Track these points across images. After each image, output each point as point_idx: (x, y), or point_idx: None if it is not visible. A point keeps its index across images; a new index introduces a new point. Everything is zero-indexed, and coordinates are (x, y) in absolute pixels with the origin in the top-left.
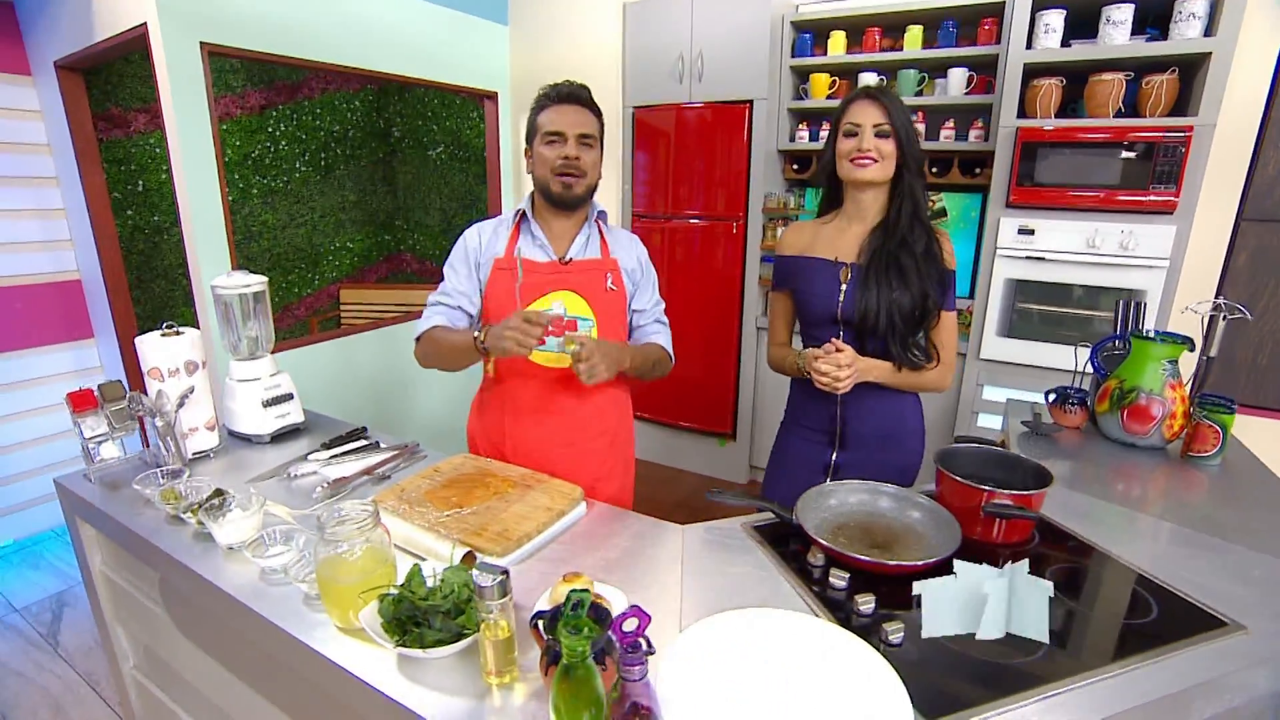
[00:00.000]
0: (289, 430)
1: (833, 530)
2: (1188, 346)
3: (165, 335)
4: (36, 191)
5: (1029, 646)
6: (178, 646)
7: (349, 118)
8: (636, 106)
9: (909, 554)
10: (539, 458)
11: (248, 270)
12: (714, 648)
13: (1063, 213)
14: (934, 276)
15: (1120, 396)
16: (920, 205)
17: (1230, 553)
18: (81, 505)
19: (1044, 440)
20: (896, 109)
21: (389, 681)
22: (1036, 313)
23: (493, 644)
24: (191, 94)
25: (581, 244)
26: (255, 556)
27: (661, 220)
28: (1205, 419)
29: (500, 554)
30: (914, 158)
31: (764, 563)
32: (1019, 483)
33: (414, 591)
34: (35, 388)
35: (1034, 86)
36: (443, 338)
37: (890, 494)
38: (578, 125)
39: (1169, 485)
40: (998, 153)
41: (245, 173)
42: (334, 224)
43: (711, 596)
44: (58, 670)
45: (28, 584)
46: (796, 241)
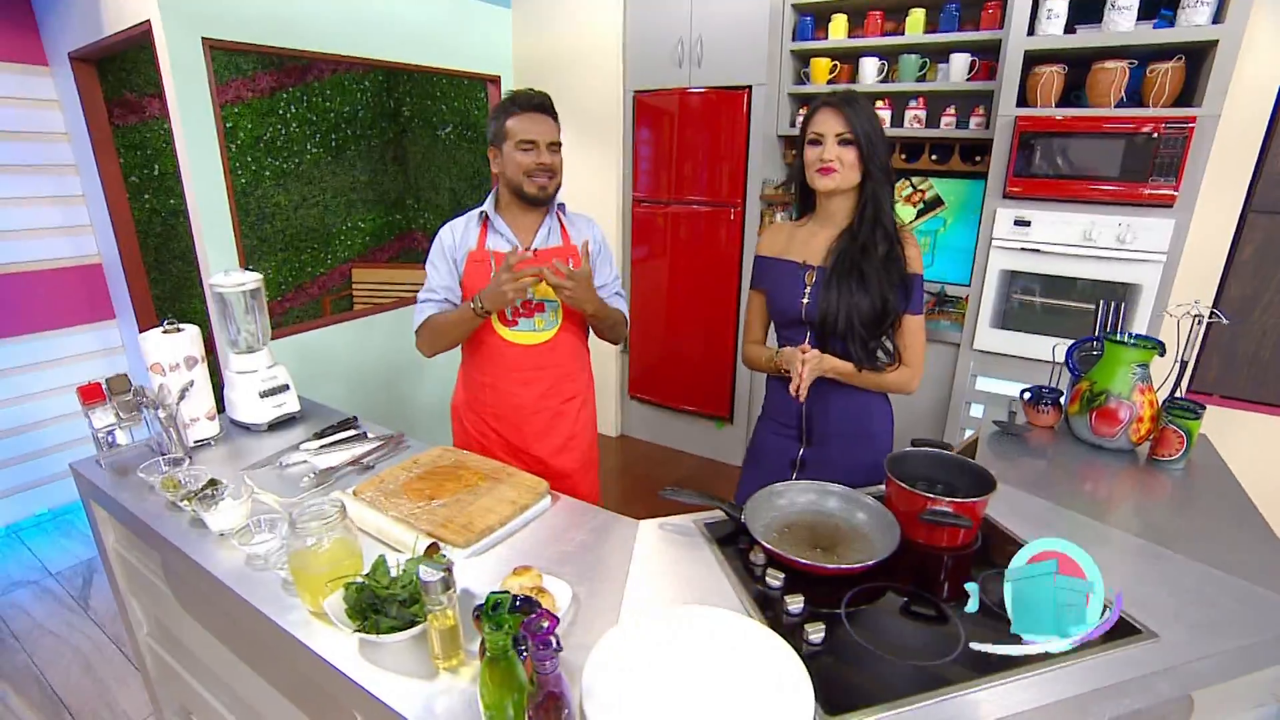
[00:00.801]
0: (286, 419)
1: (781, 530)
2: (1158, 351)
3: (166, 332)
4: (57, 179)
5: (946, 649)
6: (181, 620)
7: (359, 98)
8: (637, 91)
9: (853, 555)
10: (518, 420)
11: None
12: (640, 643)
13: (1060, 204)
14: (894, 281)
15: (1090, 398)
16: (884, 211)
17: (1168, 561)
18: (94, 490)
19: (1013, 440)
20: (859, 117)
21: (349, 662)
22: (1031, 305)
23: (439, 632)
24: (195, 89)
25: (544, 234)
26: (241, 543)
27: (661, 205)
28: (1171, 424)
29: (463, 545)
30: (878, 165)
31: (710, 560)
32: (967, 487)
33: (378, 581)
34: (63, 366)
35: (1035, 74)
36: (441, 320)
37: (838, 494)
38: (548, 134)
39: (1129, 489)
40: (996, 142)
41: (258, 155)
42: (345, 204)
43: (654, 592)
44: (88, 631)
45: (61, 550)
46: (773, 243)
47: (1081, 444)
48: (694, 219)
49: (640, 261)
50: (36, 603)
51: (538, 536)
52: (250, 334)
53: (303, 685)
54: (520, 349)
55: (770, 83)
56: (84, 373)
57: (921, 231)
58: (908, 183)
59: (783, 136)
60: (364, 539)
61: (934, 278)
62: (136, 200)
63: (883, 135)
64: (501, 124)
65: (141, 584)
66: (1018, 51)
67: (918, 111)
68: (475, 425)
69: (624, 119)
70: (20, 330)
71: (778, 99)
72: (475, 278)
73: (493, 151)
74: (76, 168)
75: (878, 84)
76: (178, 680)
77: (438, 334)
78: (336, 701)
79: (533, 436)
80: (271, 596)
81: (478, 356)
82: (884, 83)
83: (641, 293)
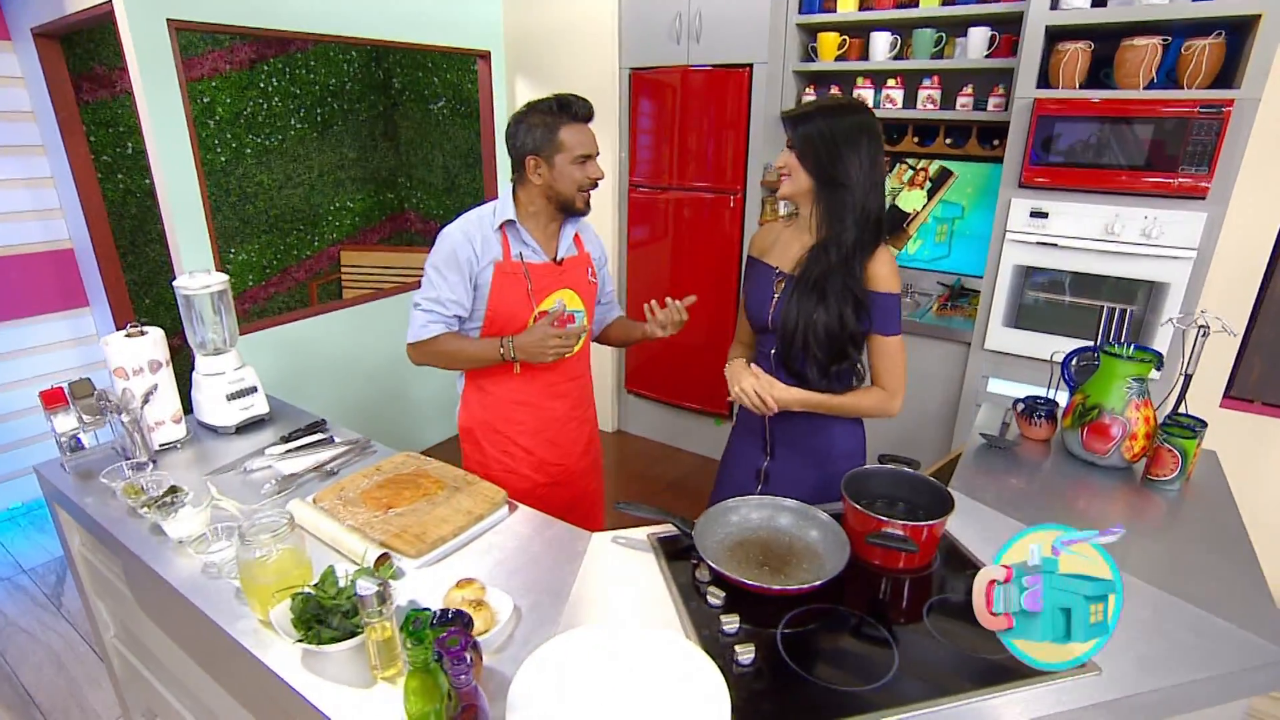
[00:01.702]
0: (254, 421)
1: (733, 546)
2: (1155, 365)
3: (130, 335)
4: (24, 160)
5: (880, 672)
6: (144, 624)
7: (345, 70)
8: (634, 68)
9: (802, 574)
10: (554, 433)
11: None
12: (568, 659)
13: (1080, 195)
14: (852, 295)
15: (1082, 413)
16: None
17: (1135, 592)
18: (57, 493)
19: (1002, 454)
20: (806, 125)
21: (292, 671)
22: (1047, 303)
23: (375, 643)
24: (160, 74)
25: (567, 244)
26: (198, 551)
27: (658, 191)
28: (1165, 442)
29: (414, 555)
30: (823, 171)
31: (655, 575)
32: (929, 506)
33: (325, 591)
34: (35, 355)
35: (1058, 52)
36: (460, 349)
37: (792, 510)
38: (595, 146)
39: (1117, 510)
40: (1012, 126)
41: (238, 132)
42: (333, 183)
43: (596, 607)
44: (60, 629)
45: (35, 546)
46: (762, 243)
47: (1076, 460)
48: (693, 205)
49: (637, 249)
50: (9, 600)
51: (492, 547)
52: (217, 336)
53: (255, 693)
54: (556, 363)
55: (773, 60)
56: (57, 362)
57: (939, 219)
58: (905, 166)
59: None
60: (320, 548)
61: (951, 269)
62: (110, 180)
63: (832, 143)
64: (553, 134)
65: (106, 587)
66: (1039, 27)
67: (932, 91)
68: (500, 445)
69: (619, 98)
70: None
71: (782, 77)
72: (506, 290)
73: (535, 161)
74: (44, 148)
75: (890, 60)
76: (143, 683)
77: (447, 358)
78: (283, 709)
79: (567, 447)
80: (224, 605)
81: (506, 377)
82: (897, 59)
83: (638, 282)
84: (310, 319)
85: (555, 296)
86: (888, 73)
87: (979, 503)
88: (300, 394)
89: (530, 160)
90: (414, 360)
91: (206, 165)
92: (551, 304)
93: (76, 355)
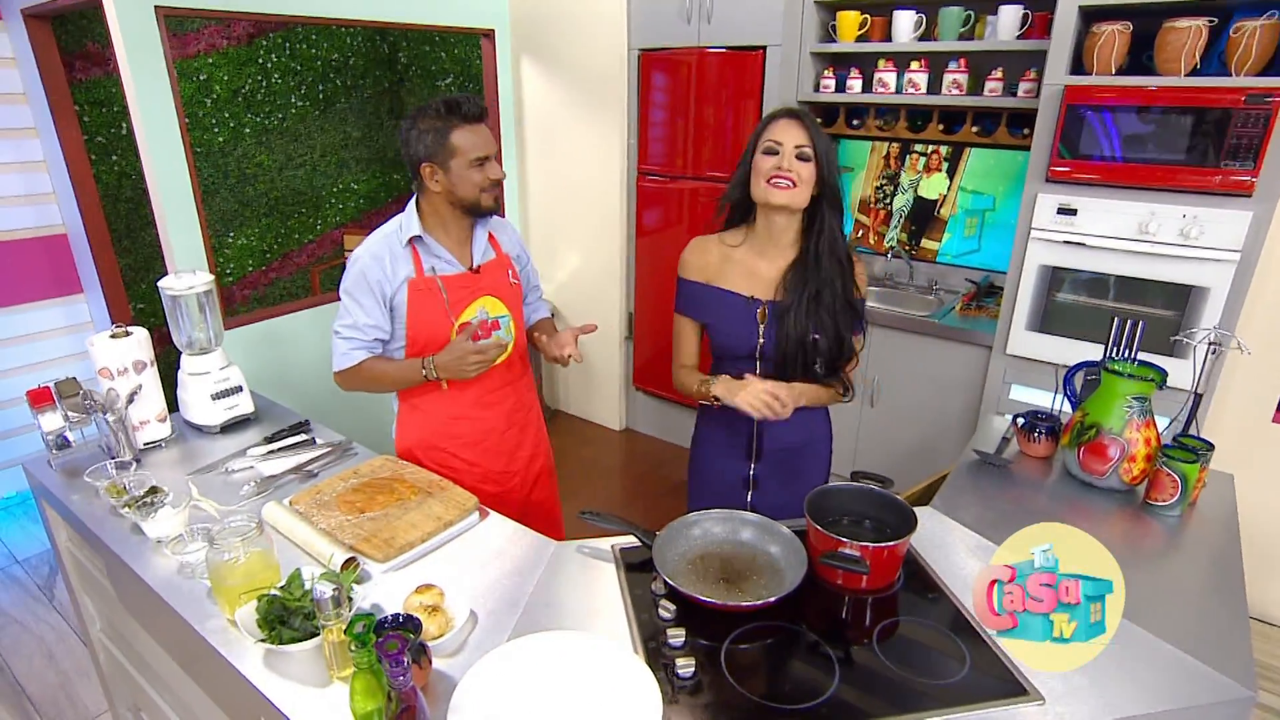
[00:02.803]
0: (239, 420)
1: (694, 560)
2: (1156, 384)
3: (115, 336)
4: (16, 143)
5: (817, 690)
6: (126, 620)
7: (349, 45)
8: (642, 50)
9: (761, 589)
10: (494, 442)
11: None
12: (510, 665)
13: (1112, 190)
14: (849, 313)
15: (1080, 431)
16: (838, 240)
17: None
18: (44, 489)
19: (995, 472)
20: (819, 133)
21: (255, 670)
22: (1075, 307)
23: (331, 645)
24: (149, 62)
25: (481, 249)
26: (174, 552)
27: (667, 180)
28: (1164, 466)
29: (382, 560)
30: (832, 188)
31: (611, 585)
32: (896, 526)
33: (291, 593)
34: (29, 343)
35: (1094, 33)
36: (383, 373)
37: (754, 525)
38: (493, 144)
39: (1109, 536)
40: (1040, 115)
41: (236, 110)
42: (336, 163)
43: (550, 614)
44: (52, 621)
45: (29, 536)
46: (701, 264)
47: (1075, 481)
48: (705, 195)
49: (645, 240)
50: (2, 590)
51: (459, 553)
52: (203, 335)
53: (225, 690)
54: (487, 371)
55: (788, 42)
56: (51, 350)
57: (968, 211)
58: (915, 155)
59: (805, 102)
60: (292, 550)
61: (979, 264)
62: (104, 161)
63: (835, 156)
64: (444, 139)
65: (92, 583)
66: (1072, 5)
67: (958, 75)
68: (440, 460)
69: (628, 81)
70: None
71: (798, 59)
72: (422, 307)
73: (430, 168)
74: (37, 131)
75: (914, 41)
76: (128, 678)
77: (372, 382)
78: (250, 707)
79: (510, 455)
80: (195, 604)
81: (436, 393)
82: (922, 40)
83: (646, 275)
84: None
85: (475, 306)
86: (912, 55)
87: (958, 524)
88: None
89: (425, 168)
90: (344, 388)
91: (204, 146)
92: (473, 314)
93: (70, 343)
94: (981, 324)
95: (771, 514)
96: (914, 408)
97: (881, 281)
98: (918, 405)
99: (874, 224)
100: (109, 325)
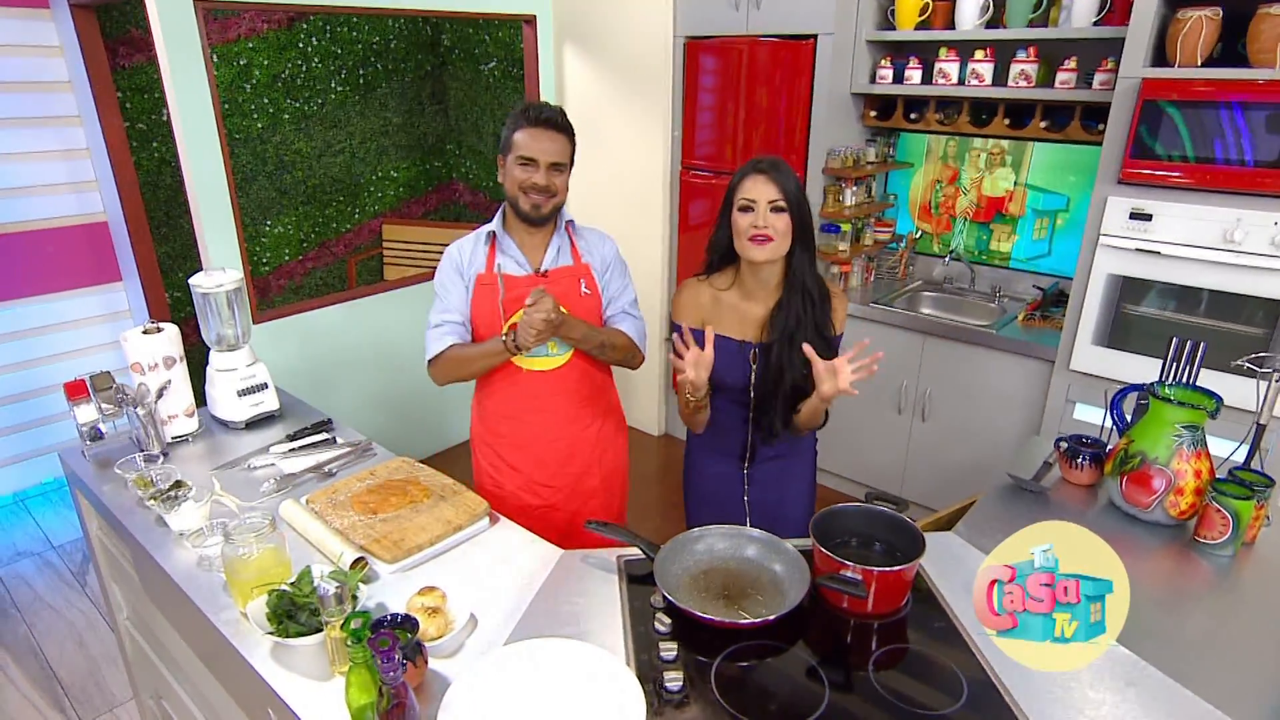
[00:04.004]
0: (264, 417)
1: (697, 575)
2: (1209, 412)
3: (147, 332)
4: (60, 131)
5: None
6: (151, 610)
7: (390, 27)
8: (688, 37)
9: (762, 607)
10: (538, 450)
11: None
12: (502, 668)
13: (1193, 194)
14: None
15: (1123, 459)
16: (809, 276)
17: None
18: (77, 479)
19: (1030, 498)
20: (788, 182)
21: (262, 661)
22: (1148, 321)
23: (332, 640)
24: (187, 56)
25: (554, 254)
26: (195, 545)
27: (711, 176)
28: (1214, 500)
29: (390, 561)
30: (806, 230)
31: (612, 596)
32: (905, 548)
33: (300, 589)
34: (69, 330)
35: (1178, 20)
36: (469, 355)
37: (759, 541)
38: (550, 153)
39: (1150, 574)
40: (1113, 110)
41: (275, 96)
42: (376, 150)
43: (548, 622)
44: (83, 608)
45: (65, 523)
46: (694, 305)
47: (1119, 513)
48: None
49: (688, 237)
50: (38, 575)
51: (466, 556)
52: (231, 332)
53: (235, 679)
54: (535, 375)
55: (840, 30)
56: (90, 338)
57: (1038, 211)
58: (975, 151)
59: (859, 95)
60: (306, 548)
61: (1051, 270)
62: (145, 148)
63: (805, 200)
64: (509, 135)
65: (120, 572)
66: None
67: (1026, 65)
68: (490, 461)
69: (673, 71)
70: (25, 293)
71: (853, 48)
72: (482, 302)
73: (500, 161)
74: (80, 119)
75: (980, 28)
76: (151, 666)
77: (461, 365)
78: (258, 696)
79: (556, 468)
80: (211, 596)
81: (493, 387)
82: (989, 27)
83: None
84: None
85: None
86: (976, 43)
87: (980, 551)
88: (326, 385)
89: (498, 160)
90: (437, 380)
91: (242, 132)
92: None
93: (108, 331)
94: (1046, 336)
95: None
96: (968, 425)
97: (940, 286)
98: (972, 422)
99: (936, 228)
100: (145, 314)
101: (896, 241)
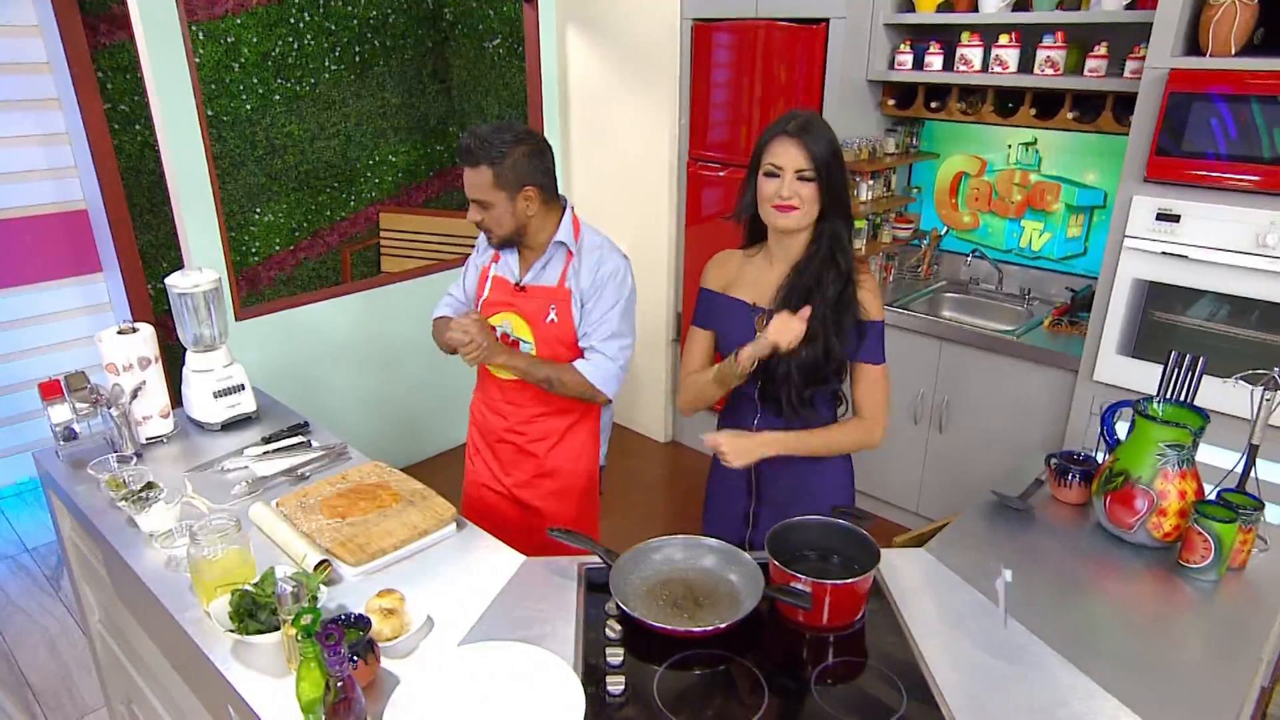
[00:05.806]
0: (240, 419)
1: (655, 584)
2: (1194, 432)
3: (121, 332)
4: (38, 115)
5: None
6: (122, 612)
7: (388, 0)
8: (696, 20)
9: (715, 617)
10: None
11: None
12: (452, 671)
13: (1224, 195)
14: (845, 326)
15: (1108, 478)
16: (841, 248)
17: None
18: (51, 479)
19: (1014, 516)
20: (820, 147)
21: (223, 658)
22: (1176, 329)
23: (289, 638)
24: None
25: (537, 270)
26: (164, 546)
27: (717, 168)
28: (1195, 523)
29: (354, 564)
30: (837, 198)
31: (569, 603)
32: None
33: (263, 589)
34: (46, 324)
35: (1211, 5)
36: (438, 329)
37: (717, 551)
38: (473, 189)
39: (1124, 596)
40: (1139, 102)
41: (265, 76)
42: (373, 133)
43: (502, 625)
44: (57, 613)
45: (39, 525)
46: (720, 275)
47: (1105, 533)
48: None
49: (695, 231)
50: (11, 578)
51: (430, 560)
52: (208, 332)
53: (199, 679)
54: (495, 379)
55: (855, 13)
56: (68, 331)
57: (1072, 207)
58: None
59: (875, 82)
60: (273, 550)
61: (1087, 270)
62: (127, 131)
63: (841, 162)
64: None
65: (92, 574)
66: None
67: (1052, 52)
68: (470, 449)
69: (680, 55)
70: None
71: (870, 33)
72: (476, 294)
73: None
74: (59, 102)
75: (1006, 11)
76: (121, 670)
77: (435, 334)
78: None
79: (505, 464)
80: (178, 595)
81: (478, 385)
82: (1015, 10)
83: (696, 271)
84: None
85: (503, 317)
86: (1000, 27)
87: (948, 569)
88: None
89: None
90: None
91: (229, 115)
92: (498, 322)
93: (87, 324)
94: (1073, 343)
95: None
96: (988, 436)
97: (965, 287)
98: (993, 434)
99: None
100: (126, 307)
101: (919, 239)
